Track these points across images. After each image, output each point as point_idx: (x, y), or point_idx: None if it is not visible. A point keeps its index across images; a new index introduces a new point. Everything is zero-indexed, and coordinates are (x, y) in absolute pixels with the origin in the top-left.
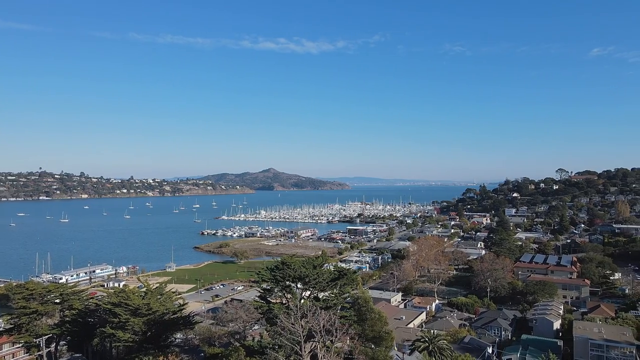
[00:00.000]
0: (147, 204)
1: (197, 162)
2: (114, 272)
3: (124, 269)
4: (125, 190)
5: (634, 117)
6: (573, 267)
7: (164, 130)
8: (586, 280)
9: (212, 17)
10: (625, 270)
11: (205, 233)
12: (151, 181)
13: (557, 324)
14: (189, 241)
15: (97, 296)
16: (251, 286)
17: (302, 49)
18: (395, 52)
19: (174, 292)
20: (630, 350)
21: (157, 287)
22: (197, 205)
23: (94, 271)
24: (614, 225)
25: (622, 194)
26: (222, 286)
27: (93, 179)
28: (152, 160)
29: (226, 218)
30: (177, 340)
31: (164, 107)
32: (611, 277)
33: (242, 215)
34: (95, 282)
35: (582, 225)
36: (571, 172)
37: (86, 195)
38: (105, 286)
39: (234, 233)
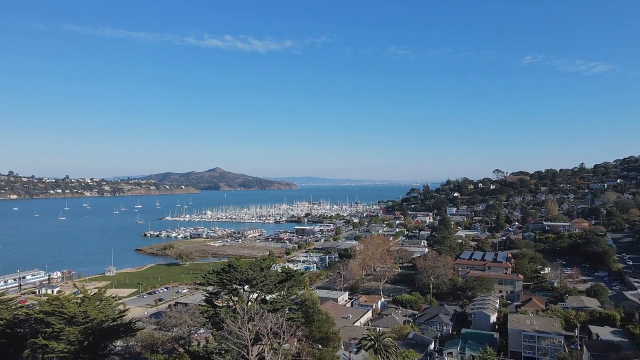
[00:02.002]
0: (85, 204)
1: (139, 160)
2: (46, 277)
3: (58, 274)
4: (60, 191)
5: (562, 122)
6: (508, 263)
7: (103, 127)
8: (520, 275)
9: (155, 12)
10: (554, 265)
11: (148, 234)
12: (89, 181)
13: (493, 317)
14: (130, 243)
15: (28, 304)
16: (196, 289)
17: (249, 47)
18: (342, 53)
19: (113, 298)
20: (558, 340)
21: (95, 293)
22: (140, 206)
23: (24, 277)
24: (544, 223)
25: (552, 193)
26: (165, 289)
27: (23, 179)
28: (90, 159)
29: (170, 219)
30: (117, 348)
31: (102, 103)
32: (542, 272)
33: (187, 216)
34: (25, 289)
35: (516, 223)
36: (507, 172)
37: (15, 196)
38: (37, 293)
39: (179, 234)
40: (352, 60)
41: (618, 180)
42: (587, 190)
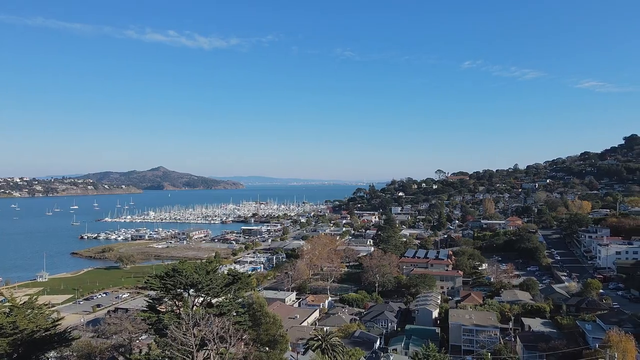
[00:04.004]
0: (13, 205)
1: (75, 158)
2: None
3: None
4: None
5: (499, 124)
6: (449, 260)
7: (34, 123)
8: (460, 271)
9: (91, 2)
10: (490, 261)
11: (85, 237)
12: (18, 180)
13: (435, 313)
14: (65, 247)
15: None
16: (138, 293)
17: (193, 44)
18: (289, 52)
19: (46, 305)
20: (494, 332)
21: (25, 302)
22: (76, 207)
23: None
24: (482, 221)
25: (489, 192)
26: (104, 295)
27: None
28: (19, 157)
29: (110, 220)
30: (50, 359)
31: (33, 97)
32: (480, 268)
33: (129, 217)
34: None
35: (457, 222)
36: (448, 172)
37: None
38: None
39: (119, 236)
40: (298, 60)
41: (547, 180)
42: (520, 190)
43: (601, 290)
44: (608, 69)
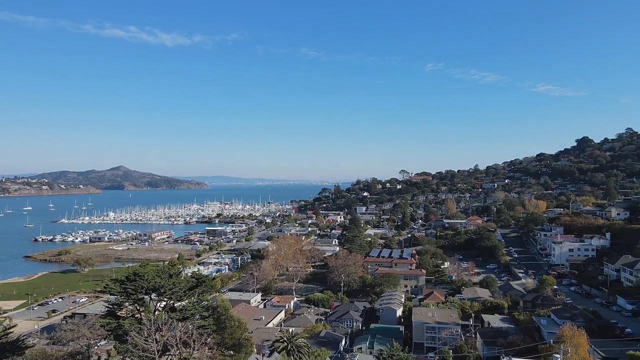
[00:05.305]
0: None
1: (29, 157)
2: None
3: None
4: None
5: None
6: (413, 259)
7: None
8: (423, 270)
9: None
10: (452, 260)
11: (40, 239)
12: None
13: (399, 312)
14: (17, 250)
15: None
16: (97, 297)
17: (155, 40)
18: (253, 51)
19: None
20: (456, 329)
21: None
22: (29, 208)
23: None
24: (444, 221)
25: (451, 192)
26: (60, 299)
27: None
28: None
29: (67, 221)
30: None
31: None
32: (442, 266)
33: (87, 218)
34: None
35: (420, 221)
36: (412, 173)
37: None
38: None
39: (77, 238)
40: (263, 59)
41: (506, 181)
42: (480, 190)
43: (555, 286)
44: (562, 74)
